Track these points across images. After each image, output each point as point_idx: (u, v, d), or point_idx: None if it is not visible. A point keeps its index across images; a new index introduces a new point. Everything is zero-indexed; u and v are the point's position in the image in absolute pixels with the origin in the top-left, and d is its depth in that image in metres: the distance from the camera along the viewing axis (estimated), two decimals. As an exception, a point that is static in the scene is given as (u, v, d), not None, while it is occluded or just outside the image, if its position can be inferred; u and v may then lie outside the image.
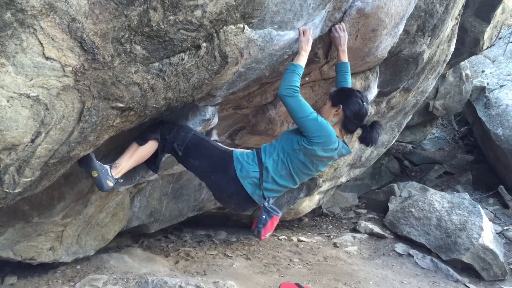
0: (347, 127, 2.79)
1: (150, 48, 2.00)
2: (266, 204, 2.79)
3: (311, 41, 2.70)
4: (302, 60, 2.69)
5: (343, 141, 2.84)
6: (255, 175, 2.71)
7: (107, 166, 2.64)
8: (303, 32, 2.66)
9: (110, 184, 2.61)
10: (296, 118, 2.63)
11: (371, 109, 4.83)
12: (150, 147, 2.81)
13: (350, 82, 3.06)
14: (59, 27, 1.66)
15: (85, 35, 1.73)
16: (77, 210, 3.46)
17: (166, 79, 2.23)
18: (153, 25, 1.90)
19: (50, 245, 3.55)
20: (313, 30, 2.76)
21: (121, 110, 2.18)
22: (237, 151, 2.82)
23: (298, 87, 2.62)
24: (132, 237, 5.44)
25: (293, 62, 2.68)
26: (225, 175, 2.73)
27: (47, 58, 1.70)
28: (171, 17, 1.93)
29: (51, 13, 1.61)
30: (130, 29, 1.86)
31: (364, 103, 2.76)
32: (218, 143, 2.94)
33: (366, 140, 2.76)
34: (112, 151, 2.98)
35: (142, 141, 2.78)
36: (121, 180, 2.81)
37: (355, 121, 2.76)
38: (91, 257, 4.19)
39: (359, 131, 2.83)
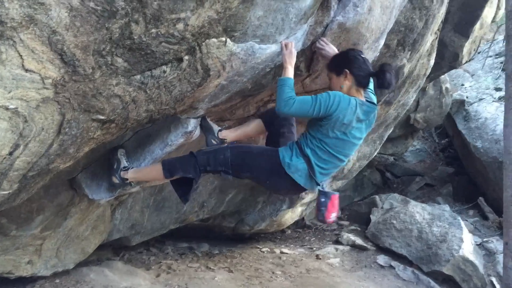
0: (361, 83, 2.80)
1: (131, 61, 2.00)
2: (320, 188, 2.83)
3: (294, 53, 2.73)
4: (289, 73, 2.71)
5: (367, 100, 2.84)
6: (303, 167, 2.76)
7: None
8: (285, 45, 2.69)
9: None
10: (310, 116, 2.70)
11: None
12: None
13: None
14: (39, 39, 1.65)
15: (65, 48, 1.72)
16: (56, 223, 3.41)
17: (148, 92, 2.22)
18: (135, 38, 1.90)
19: (28, 259, 3.49)
20: (295, 44, 2.79)
21: (102, 122, 2.17)
22: (282, 148, 2.85)
23: (291, 96, 2.62)
24: (113, 249, 5.36)
25: (281, 77, 2.71)
26: (278, 177, 2.79)
27: (26, 70, 1.69)
28: (153, 30, 1.93)
29: (31, 25, 1.60)
30: (112, 42, 1.85)
31: (362, 55, 2.82)
32: (256, 145, 3.01)
33: (384, 84, 2.74)
34: (93, 163, 2.95)
35: (168, 175, 2.84)
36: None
37: (365, 74, 2.79)
38: (70, 271, 4.12)
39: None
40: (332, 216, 2.84)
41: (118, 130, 2.36)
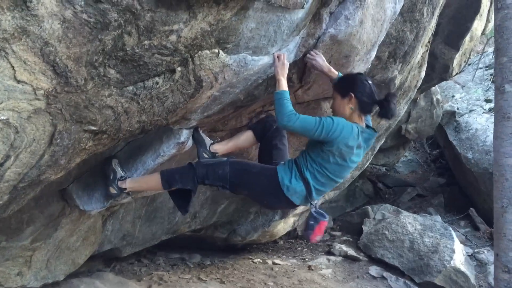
0: (364, 110, 2.82)
1: (124, 72, 2.00)
2: (313, 210, 2.86)
3: (287, 65, 2.75)
4: (283, 85, 2.73)
5: (367, 125, 2.88)
6: (301, 190, 2.80)
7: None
8: (277, 57, 2.70)
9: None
10: (309, 136, 2.74)
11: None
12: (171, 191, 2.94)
13: None
14: (32, 51, 1.65)
15: (58, 59, 1.72)
16: (47, 234, 3.38)
17: (140, 103, 2.22)
18: (128, 49, 1.91)
19: (18, 270, 3.44)
20: (287, 56, 2.81)
21: (93, 133, 2.16)
22: (280, 168, 2.85)
23: (292, 110, 2.65)
24: (104, 261, 5.31)
25: (276, 91, 2.72)
26: (276, 197, 2.84)
27: (18, 81, 1.68)
28: (146, 42, 1.94)
29: (23, 36, 1.60)
30: (104, 53, 1.86)
31: (366, 79, 2.83)
32: (255, 163, 3.00)
33: (387, 114, 2.79)
34: (84, 173, 2.94)
35: (167, 186, 2.85)
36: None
37: (370, 101, 2.81)
38: (60, 282, 4.06)
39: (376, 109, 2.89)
40: (317, 238, 2.88)
41: (110, 141, 2.35)
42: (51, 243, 3.52)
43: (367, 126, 2.88)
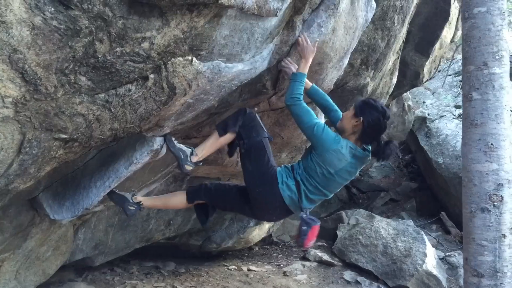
0: (362, 138, 2.88)
1: (95, 79, 1.98)
2: (304, 216, 2.92)
3: (314, 51, 2.90)
4: (304, 68, 2.90)
5: (364, 148, 2.92)
6: (293, 188, 2.89)
7: (188, 152, 2.90)
8: (305, 39, 2.86)
9: (189, 168, 2.90)
10: (302, 127, 2.87)
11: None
12: (228, 138, 3.00)
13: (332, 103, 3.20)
14: (-1, 58, 1.61)
15: (27, 66, 1.69)
16: (16, 244, 3.29)
17: (113, 110, 2.20)
18: (99, 56, 1.89)
19: (-15, 282, 3.35)
20: (261, 63, 2.83)
21: (64, 141, 2.12)
22: (279, 168, 2.98)
23: (301, 94, 2.85)
24: (76, 270, 5.20)
25: (296, 72, 2.91)
26: (270, 188, 2.90)
27: (-15, 89, 1.64)
28: (118, 49, 1.92)
29: (-10, 43, 1.56)
30: (75, 60, 1.83)
31: (385, 120, 2.85)
32: (273, 159, 3.03)
33: (378, 155, 2.90)
34: (55, 182, 2.88)
35: (222, 132, 2.96)
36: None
37: (372, 134, 2.87)
38: (30, 294, 3.97)
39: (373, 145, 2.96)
40: (310, 243, 2.95)
41: (81, 149, 2.31)
42: (20, 254, 3.43)
43: (364, 149, 2.92)
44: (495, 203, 2.94)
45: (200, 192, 3.14)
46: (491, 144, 2.96)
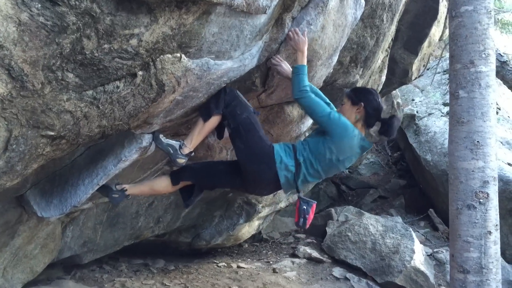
0: (368, 122, 3.01)
1: (83, 76, 1.96)
2: (301, 195, 3.00)
3: (306, 41, 2.91)
4: (303, 60, 2.92)
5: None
6: (291, 169, 2.90)
7: (177, 146, 2.88)
8: (296, 33, 2.87)
9: (181, 161, 2.89)
10: (316, 117, 2.91)
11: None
12: (215, 122, 2.95)
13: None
14: (-15, 54, 1.60)
15: (13, 63, 1.68)
16: (3, 242, 3.26)
17: (101, 107, 2.18)
18: (87, 53, 1.88)
19: (-28, 280, 3.32)
20: (250, 60, 2.83)
21: (51, 138, 2.11)
22: (276, 145, 2.97)
23: (307, 85, 2.89)
24: (64, 268, 5.17)
25: (296, 65, 2.92)
26: (267, 167, 2.90)
27: (-30, 86, 1.63)
28: (106, 46, 1.91)
29: (-24, 39, 1.55)
30: (62, 57, 1.82)
31: (379, 100, 3.02)
32: (261, 130, 3.01)
33: (387, 132, 2.99)
34: (43, 179, 2.86)
35: (206, 117, 2.91)
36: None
37: (376, 116, 3.01)
38: (18, 291, 3.95)
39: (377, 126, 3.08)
40: (310, 223, 3.00)
41: (69, 146, 2.30)
42: (7, 251, 3.41)
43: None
44: (481, 200, 2.98)
45: (185, 173, 3.08)
46: (477, 141, 3.00)
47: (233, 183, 3.22)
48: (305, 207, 2.96)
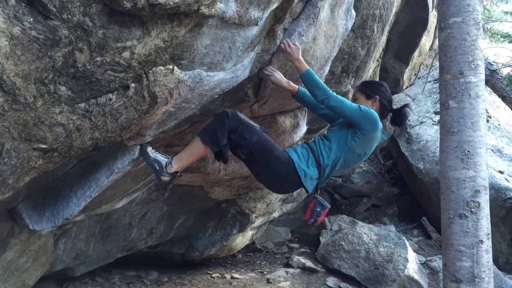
0: (383, 113, 3.13)
1: (75, 89, 1.97)
2: (318, 197, 3.04)
3: (299, 47, 2.90)
4: (304, 65, 2.92)
5: None
6: (315, 177, 2.92)
7: (163, 163, 2.73)
8: (287, 44, 2.87)
9: (165, 179, 2.75)
10: (347, 113, 2.87)
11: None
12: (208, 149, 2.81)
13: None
14: (-23, 68, 1.60)
15: (5, 76, 1.68)
16: (-6, 255, 3.24)
17: (93, 119, 2.19)
18: (79, 66, 1.88)
19: (-38, 295, 3.28)
20: (242, 71, 2.85)
21: (43, 151, 2.10)
22: (295, 156, 2.90)
23: (325, 85, 2.89)
24: (56, 281, 5.12)
25: (301, 74, 2.92)
26: (292, 183, 2.93)
27: (-38, 99, 1.63)
28: (98, 58, 1.92)
29: (-32, 53, 1.55)
30: (55, 70, 1.82)
31: (389, 92, 3.17)
32: (276, 146, 2.91)
33: (400, 122, 3.13)
34: (34, 192, 2.85)
35: (214, 147, 2.74)
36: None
37: (389, 106, 3.15)
38: (9, 305, 3.90)
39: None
40: (319, 222, 3.06)
41: (61, 159, 2.29)
42: (-2, 265, 3.37)
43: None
44: (473, 210, 2.99)
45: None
46: (468, 151, 3.02)
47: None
48: (319, 209, 3.00)
